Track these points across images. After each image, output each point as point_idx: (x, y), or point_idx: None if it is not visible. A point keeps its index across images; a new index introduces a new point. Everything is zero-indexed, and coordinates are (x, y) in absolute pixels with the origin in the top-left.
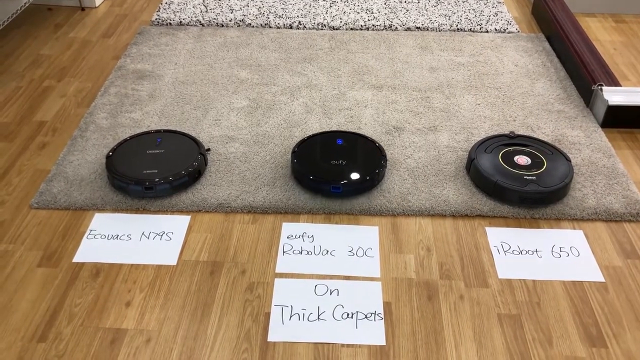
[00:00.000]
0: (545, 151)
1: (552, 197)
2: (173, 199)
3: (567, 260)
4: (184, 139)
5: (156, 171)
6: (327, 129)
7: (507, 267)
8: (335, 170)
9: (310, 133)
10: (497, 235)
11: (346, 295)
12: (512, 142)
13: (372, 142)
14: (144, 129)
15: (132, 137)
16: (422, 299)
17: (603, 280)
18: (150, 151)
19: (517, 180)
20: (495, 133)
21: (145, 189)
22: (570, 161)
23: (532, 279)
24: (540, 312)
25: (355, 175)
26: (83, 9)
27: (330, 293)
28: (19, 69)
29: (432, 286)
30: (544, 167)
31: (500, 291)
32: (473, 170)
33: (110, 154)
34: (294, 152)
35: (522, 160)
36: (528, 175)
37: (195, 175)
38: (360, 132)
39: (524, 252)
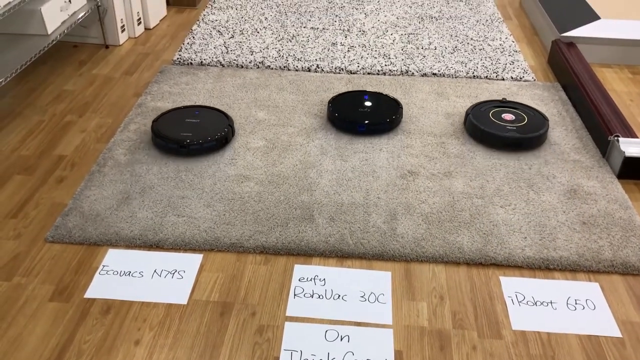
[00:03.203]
0: (528, 112)
1: (528, 142)
2: (186, 236)
3: (582, 314)
4: (218, 113)
5: (191, 134)
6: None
7: (521, 318)
8: (362, 115)
9: (341, 91)
10: (512, 285)
11: (357, 342)
12: (503, 105)
13: (392, 98)
14: (162, 166)
15: (175, 109)
16: (434, 349)
17: (620, 335)
18: (188, 120)
19: (500, 129)
20: (490, 99)
21: (181, 147)
22: (547, 120)
23: (546, 331)
24: None
25: (376, 118)
26: (107, 47)
27: (341, 339)
28: (43, 104)
29: (444, 336)
30: (525, 121)
31: (514, 343)
32: (468, 123)
33: (156, 119)
34: (330, 102)
35: (508, 116)
36: (510, 126)
37: (222, 141)
38: (374, 174)
39: (538, 303)
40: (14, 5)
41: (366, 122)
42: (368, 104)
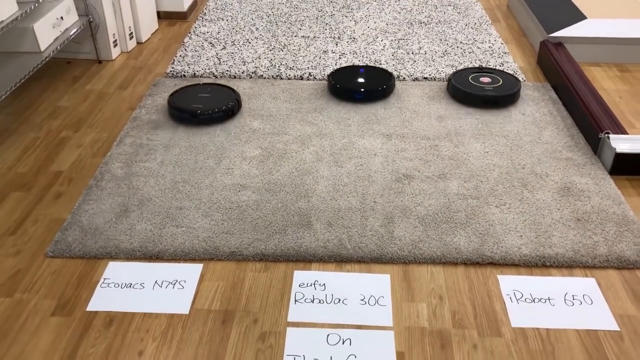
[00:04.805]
0: (503, 76)
1: (503, 100)
2: (186, 247)
3: (580, 309)
4: (227, 89)
5: (201, 106)
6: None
7: (520, 316)
8: (359, 84)
9: (343, 65)
10: (509, 283)
11: (358, 345)
12: (481, 70)
13: (385, 70)
14: (159, 178)
15: (189, 86)
16: (435, 349)
17: (618, 329)
18: (200, 95)
19: (479, 90)
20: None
21: (192, 116)
22: (520, 81)
23: (545, 327)
24: None
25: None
26: (100, 62)
27: (343, 342)
28: (38, 120)
29: (445, 335)
30: (500, 83)
31: (514, 340)
32: (451, 87)
33: (173, 94)
34: (329, 75)
35: (485, 80)
36: (487, 87)
37: (229, 113)
38: (370, 178)
39: (536, 300)
40: (7, 24)
41: (362, 90)
42: (364, 75)
